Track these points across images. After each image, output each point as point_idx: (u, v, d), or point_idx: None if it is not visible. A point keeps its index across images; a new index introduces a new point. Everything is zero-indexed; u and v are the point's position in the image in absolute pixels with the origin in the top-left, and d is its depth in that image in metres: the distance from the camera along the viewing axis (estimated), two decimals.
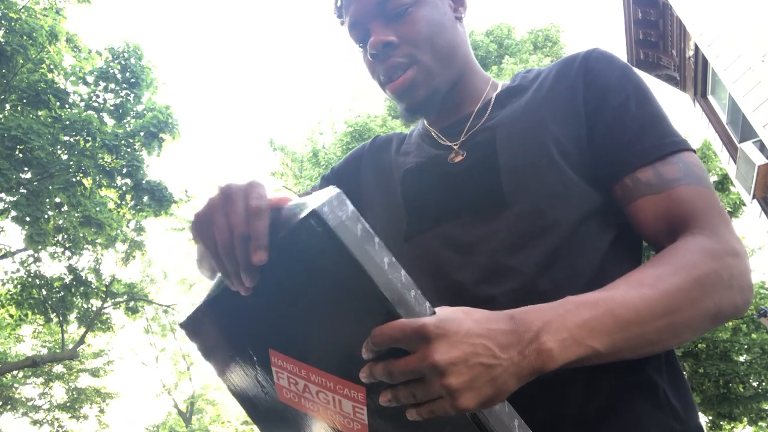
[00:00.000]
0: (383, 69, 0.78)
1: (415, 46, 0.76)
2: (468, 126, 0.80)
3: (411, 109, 0.79)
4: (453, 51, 0.79)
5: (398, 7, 0.75)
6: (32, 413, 15.85)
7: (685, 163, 0.67)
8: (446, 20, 0.79)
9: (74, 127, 8.73)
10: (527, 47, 11.55)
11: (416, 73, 0.76)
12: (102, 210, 9.41)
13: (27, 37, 8.31)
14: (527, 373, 0.49)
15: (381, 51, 0.76)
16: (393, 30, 0.76)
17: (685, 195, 0.65)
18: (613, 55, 0.77)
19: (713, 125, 7.43)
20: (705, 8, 6.13)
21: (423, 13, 0.76)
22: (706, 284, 0.57)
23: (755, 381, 10.40)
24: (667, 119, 0.72)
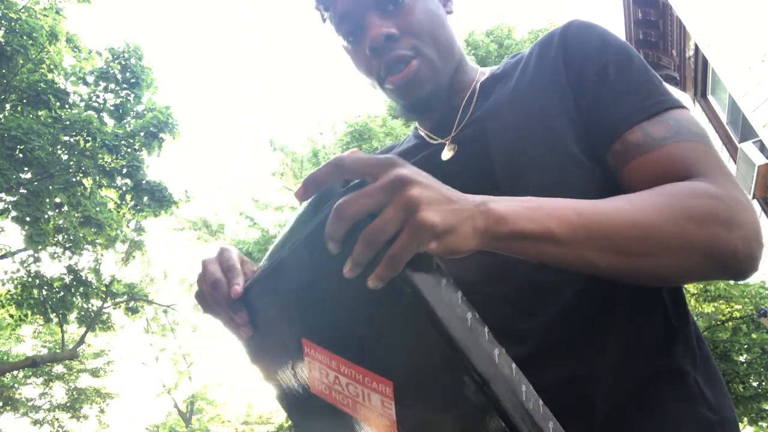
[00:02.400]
0: (384, 63, 0.72)
1: (417, 38, 0.72)
2: (457, 120, 0.78)
3: (414, 104, 0.75)
4: (451, 45, 0.76)
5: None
6: (32, 413, 15.86)
7: (675, 120, 0.63)
8: (441, 13, 0.76)
9: (74, 127, 8.73)
10: (527, 47, 11.55)
11: (420, 65, 0.72)
12: (102, 210, 9.41)
13: (27, 37, 8.31)
14: (481, 226, 0.45)
15: (382, 44, 0.71)
16: (391, 21, 0.71)
17: (679, 152, 0.60)
18: (591, 25, 0.73)
19: (713, 125, 7.43)
20: (705, 8, 6.13)
21: (421, 4, 0.73)
22: (697, 215, 0.53)
23: (755, 381, 10.40)
24: (653, 80, 0.67)
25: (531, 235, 0.47)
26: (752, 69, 5.36)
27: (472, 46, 12.13)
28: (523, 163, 0.67)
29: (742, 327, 11.11)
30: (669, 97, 0.66)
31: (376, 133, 9.44)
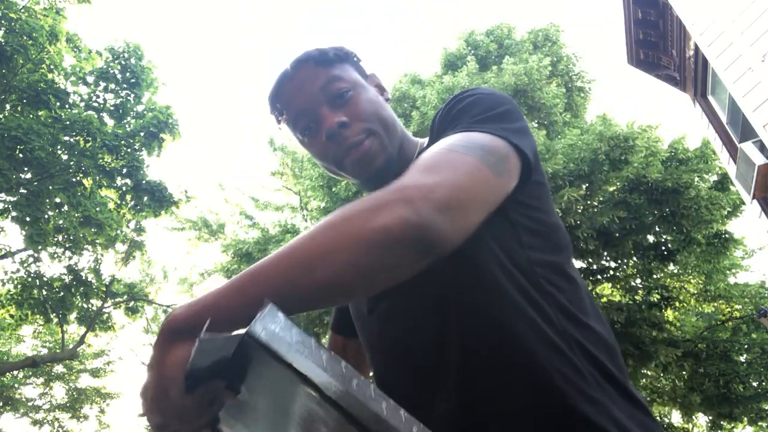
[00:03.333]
0: (342, 146, 0.83)
1: (366, 122, 0.83)
2: None
3: (372, 176, 0.84)
4: (394, 125, 0.88)
5: (339, 90, 0.83)
6: (32, 413, 15.86)
7: (467, 136, 0.68)
8: (381, 100, 0.89)
9: (74, 127, 8.73)
10: (527, 47, 11.54)
11: (373, 143, 0.83)
12: (102, 210, 9.41)
13: (27, 37, 8.31)
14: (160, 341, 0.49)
15: (337, 131, 0.82)
16: (342, 112, 0.83)
17: (428, 153, 0.65)
18: (460, 93, 0.83)
19: (713, 125, 7.43)
20: (705, 8, 6.13)
21: (363, 95, 0.85)
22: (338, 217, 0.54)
23: (755, 381, 10.39)
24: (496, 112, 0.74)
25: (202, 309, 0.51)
26: (752, 69, 5.36)
27: (472, 46, 12.13)
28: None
29: (742, 327, 11.11)
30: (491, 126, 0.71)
31: None
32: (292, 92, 0.84)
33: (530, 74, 9.56)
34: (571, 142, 8.28)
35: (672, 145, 9.05)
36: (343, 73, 0.85)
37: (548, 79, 10.66)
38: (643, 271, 9.72)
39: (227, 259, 10.58)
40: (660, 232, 9.42)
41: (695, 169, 8.72)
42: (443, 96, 9.90)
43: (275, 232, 10.29)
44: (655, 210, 8.82)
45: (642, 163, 8.32)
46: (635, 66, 8.46)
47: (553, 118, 10.14)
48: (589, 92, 12.67)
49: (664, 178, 8.43)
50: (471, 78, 9.97)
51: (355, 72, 0.89)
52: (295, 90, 0.84)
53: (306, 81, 0.84)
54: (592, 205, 8.97)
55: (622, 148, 8.11)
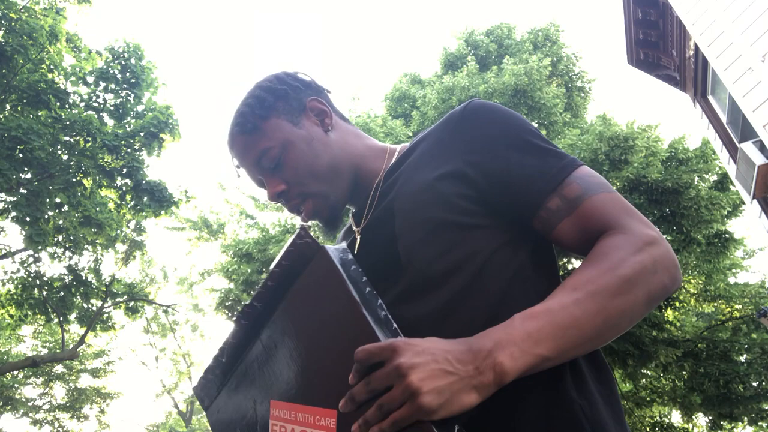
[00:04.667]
0: (288, 208, 0.91)
1: (301, 185, 0.88)
2: (365, 211, 0.88)
3: (325, 226, 0.92)
4: (335, 167, 0.89)
5: (272, 160, 0.87)
6: (33, 413, 15.86)
7: (580, 178, 0.74)
8: (316, 144, 0.89)
9: (74, 128, 8.73)
10: (527, 47, 11.54)
11: (314, 203, 0.89)
12: (102, 210, 9.41)
13: (27, 37, 8.30)
14: (485, 386, 0.57)
15: (278, 199, 0.89)
16: (279, 177, 0.88)
17: (592, 206, 0.72)
18: (480, 108, 0.81)
19: (713, 125, 7.43)
20: (705, 8, 6.13)
21: (293, 154, 0.87)
22: (633, 278, 0.64)
23: (755, 381, 10.39)
24: (548, 148, 0.77)
25: (528, 368, 0.59)
26: (752, 69, 5.36)
27: (472, 46, 12.12)
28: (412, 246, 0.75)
29: (742, 327, 11.10)
30: (567, 160, 0.76)
31: (377, 133, 9.43)
32: (239, 159, 0.91)
33: (530, 74, 9.55)
34: (571, 142, 8.28)
35: (672, 145, 9.05)
36: (270, 137, 0.87)
37: (548, 79, 10.66)
38: None
39: (227, 259, 10.59)
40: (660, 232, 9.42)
41: (695, 169, 8.71)
42: (443, 96, 9.89)
43: (275, 232, 10.29)
44: (655, 210, 8.82)
45: (642, 163, 8.32)
46: (635, 66, 8.46)
47: (553, 118, 10.14)
48: (589, 92, 12.67)
49: (664, 178, 8.43)
50: (471, 78, 9.96)
51: (284, 123, 0.88)
52: (239, 157, 0.91)
53: (243, 153, 0.89)
54: None
55: (622, 148, 8.11)
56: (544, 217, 0.74)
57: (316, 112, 0.92)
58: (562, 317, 0.61)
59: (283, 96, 0.90)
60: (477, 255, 0.74)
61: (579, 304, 0.61)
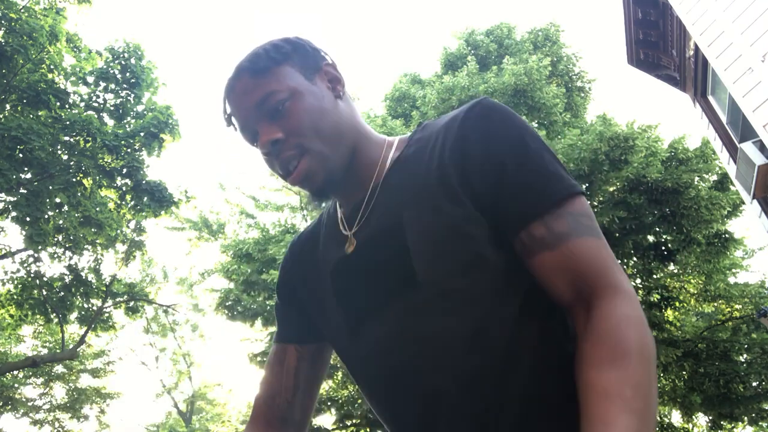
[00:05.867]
0: (279, 164, 0.81)
1: (301, 137, 0.79)
2: (361, 212, 0.84)
3: (314, 194, 0.84)
4: (339, 131, 0.82)
5: (276, 104, 0.79)
6: (33, 413, 15.85)
7: (571, 214, 0.70)
8: (325, 103, 0.83)
9: (74, 128, 8.73)
10: (527, 47, 11.54)
11: (310, 162, 0.80)
12: (102, 210, 9.42)
13: (27, 37, 8.30)
14: None
15: (271, 149, 0.80)
16: (278, 126, 0.80)
17: (578, 250, 0.69)
18: (489, 112, 0.77)
19: (713, 125, 7.43)
20: (705, 8, 6.13)
21: (300, 104, 0.80)
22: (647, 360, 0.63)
23: (755, 381, 10.38)
24: (551, 168, 0.73)
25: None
26: (752, 69, 5.36)
27: (472, 46, 12.12)
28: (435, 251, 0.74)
29: (742, 327, 11.09)
30: (565, 185, 0.72)
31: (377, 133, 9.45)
32: (235, 104, 0.83)
33: (530, 74, 9.55)
34: (571, 142, 8.28)
35: (672, 145, 9.05)
36: (280, 81, 0.81)
37: (548, 79, 10.66)
38: (643, 271, 9.72)
39: (227, 259, 10.59)
40: (660, 232, 9.42)
41: (695, 169, 8.71)
42: (443, 96, 9.89)
43: (275, 232, 10.29)
44: (655, 210, 8.82)
45: (642, 163, 8.32)
46: (635, 66, 8.46)
47: (553, 118, 10.14)
48: (589, 92, 12.67)
49: (664, 178, 8.43)
50: (471, 78, 9.96)
51: (296, 74, 0.82)
52: (236, 102, 0.83)
53: (243, 95, 0.82)
54: (592, 205, 8.97)
55: (622, 148, 8.11)
56: (525, 242, 0.71)
57: (330, 77, 0.87)
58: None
59: (301, 50, 0.85)
60: (492, 267, 0.72)
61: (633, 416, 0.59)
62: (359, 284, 0.80)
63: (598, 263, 0.68)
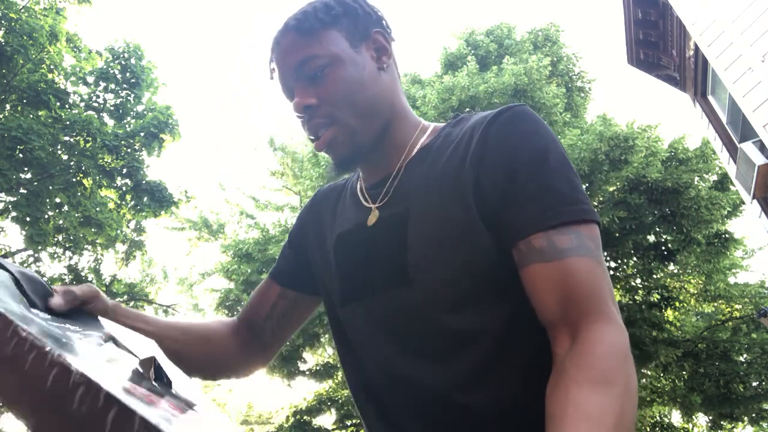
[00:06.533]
0: (308, 128, 0.81)
1: (333, 106, 0.78)
2: (386, 189, 0.83)
3: (337, 164, 0.83)
4: (374, 106, 0.81)
5: (315, 69, 0.78)
6: None
7: (578, 234, 0.67)
8: (365, 75, 0.81)
9: (74, 128, 8.73)
10: (527, 47, 11.54)
11: (337, 132, 0.79)
12: (102, 210, 9.41)
13: (27, 37, 8.30)
14: None
15: (303, 113, 0.80)
16: (313, 91, 0.79)
17: (576, 268, 0.65)
18: (519, 119, 0.75)
19: (713, 125, 7.43)
20: (705, 8, 6.13)
21: (339, 72, 0.79)
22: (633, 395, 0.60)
23: (755, 381, 10.39)
24: (567, 188, 0.70)
25: None
26: (752, 69, 5.36)
27: (472, 46, 12.13)
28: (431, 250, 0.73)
29: (742, 327, 11.10)
30: (580, 208, 0.69)
31: None
32: (279, 59, 0.82)
33: (530, 74, 9.56)
34: (571, 142, 8.28)
35: (672, 145, 9.05)
36: (323, 45, 0.79)
37: (548, 79, 10.66)
38: (643, 271, 9.73)
39: (227, 259, 10.59)
40: (660, 232, 9.42)
41: (695, 169, 8.72)
42: (443, 96, 9.90)
43: (275, 233, 10.29)
44: (655, 210, 8.83)
45: (642, 163, 8.32)
46: (635, 66, 8.46)
47: (553, 118, 10.14)
48: (589, 92, 12.68)
49: (664, 178, 8.43)
50: (471, 78, 9.97)
51: (342, 40, 0.80)
52: (280, 57, 0.82)
53: (287, 51, 0.80)
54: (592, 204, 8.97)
55: (622, 148, 8.11)
56: (523, 251, 0.69)
57: (377, 46, 0.84)
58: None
59: (352, 13, 0.83)
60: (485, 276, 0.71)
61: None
62: (361, 259, 0.81)
63: (593, 287, 0.65)
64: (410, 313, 0.73)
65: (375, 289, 0.77)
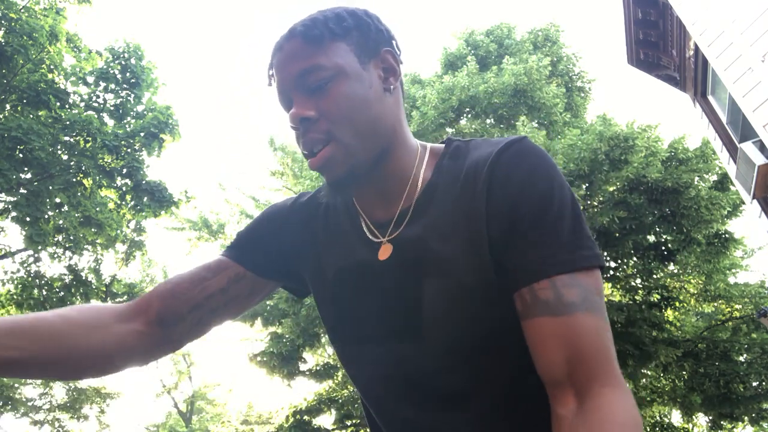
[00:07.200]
0: (303, 142, 0.76)
1: (332, 123, 0.74)
2: (394, 221, 0.79)
3: (332, 185, 0.77)
4: (375, 127, 0.76)
5: (318, 80, 0.74)
6: (33, 413, 15.86)
7: (583, 287, 0.65)
8: (370, 94, 0.76)
9: (74, 128, 8.73)
10: (527, 47, 11.54)
11: (333, 151, 0.74)
12: (102, 210, 9.41)
13: (27, 37, 8.31)
14: None
15: (299, 125, 0.75)
16: (313, 103, 0.74)
17: (584, 326, 0.64)
18: (520, 158, 0.73)
19: (713, 125, 7.43)
20: (705, 8, 6.13)
21: (343, 88, 0.74)
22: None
23: (755, 381, 10.39)
24: (573, 231, 0.68)
25: None
26: (752, 69, 5.37)
27: (472, 46, 12.13)
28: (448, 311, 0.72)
29: (742, 327, 11.11)
30: (586, 254, 0.67)
31: None
32: (280, 64, 0.77)
33: (530, 74, 9.56)
34: (571, 142, 8.29)
35: (672, 145, 9.05)
36: (329, 57, 0.74)
37: (548, 79, 10.66)
38: (643, 271, 9.73)
39: None
40: (660, 232, 9.43)
41: (695, 169, 8.72)
42: (443, 96, 9.90)
43: None
44: (655, 210, 8.83)
45: (642, 163, 8.32)
46: (635, 66, 8.46)
47: (553, 118, 10.14)
48: (589, 92, 12.68)
49: (664, 178, 8.44)
50: (471, 78, 9.97)
51: (350, 54, 0.76)
52: (281, 63, 0.77)
53: (291, 58, 0.76)
54: (592, 205, 8.98)
55: (622, 148, 8.12)
56: (528, 300, 0.67)
57: (386, 66, 0.80)
58: None
59: (364, 28, 0.78)
60: (498, 325, 0.70)
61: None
62: (371, 302, 0.78)
63: (601, 348, 0.64)
64: (416, 368, 0.74)
65: (383, 338, 0.76)
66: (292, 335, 10.53)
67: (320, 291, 0.86)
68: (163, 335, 0.83)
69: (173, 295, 0.84)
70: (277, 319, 11.05)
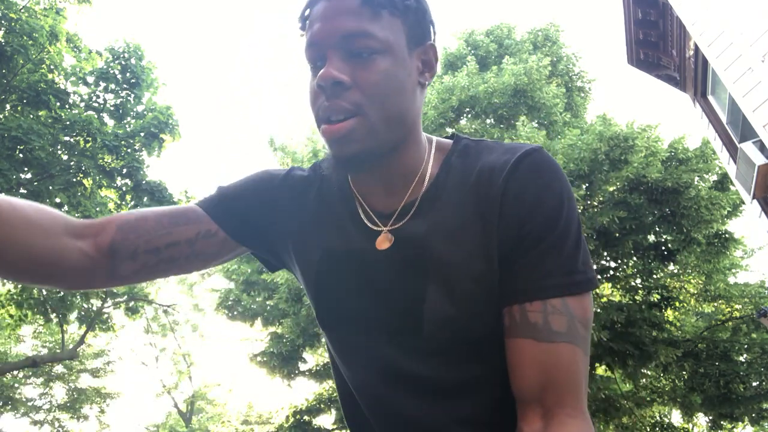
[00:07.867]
0: (325, 106, 0.70)
1: (365, 96, 0.68)
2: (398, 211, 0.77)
3: (341, 160, 0.71)
4: (402, 116, 0.72)
5: (363, 48, 0.68)
6: (33, 413, 15.87)
7: (572, 315, 0.66)
8: (408, 82, 0.72)
9: (74, 128, 8.73)
10: (527, 47, 11.54)
11: (357, 125, 0.68)
12: (102, 210, 9.41)
13: (27, 37, 8.31)
14: None
15: (329, 87, 0.68)
16: (350, 68, 0.69)
17: (564, 356, 0.66)
18: (534, 173, 0.71)
19: (713, 125, 7.43)
20: (705, 8, 6.13)
21: (387, 64, 0.69)
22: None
23: (755, 381, 10.40)
24: (572, 252, 0.69)
25: None
26: (752, 69, 5.37)
27: (472, 46, 12.13)
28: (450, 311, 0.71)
29: (742, 327, 11.10)
30: (577, 278, 0.68)
31: None
32: (327, 14, 0.69)
33: (530, 74, 9.56)
34: (571, 142, 8.29)
35: (672, 145, 9.05)
36: (382, 30, 0.69)
37: (548, 79, 10.66)
38: (643, 271, 9.73)
39: None
40: (660, 232, 9.43)
41: (695, 169, 8.72)
42: (443, 96, 9.90)
43: None
44: (655, 210, 8.83)
45: (642, 163, 8.32)
46: (635, 66, 8.46)
47: (553, 118, 10.14)
48: (589, 92, 12.68)
49: (664, 178, 8.44)
50: (471, 78, 9.97)
51: (401, 34, 0.71)
52: (329, 13, 0.69)
53: (342, 13, 0.68)
54: (592, 205, 8.98)
55: (622, 148, 8.12)
56: (516, 319, 0.68)
57: (426, 59, 0.76)
58: None
59: (420, 15, 0.74)
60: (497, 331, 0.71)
61: None
62: (366, 290, 0.76)
63: (575, 380, 0.66)
64: (411, 366, 0.74)
65: (377, 333, 0.75)
66: (292, 335, 10.53)
67: (305, 270, 0.82)
68: (108, 266, 0.75)
69: (134, 229, 0.76)
70: (277, 319, 11.05)
